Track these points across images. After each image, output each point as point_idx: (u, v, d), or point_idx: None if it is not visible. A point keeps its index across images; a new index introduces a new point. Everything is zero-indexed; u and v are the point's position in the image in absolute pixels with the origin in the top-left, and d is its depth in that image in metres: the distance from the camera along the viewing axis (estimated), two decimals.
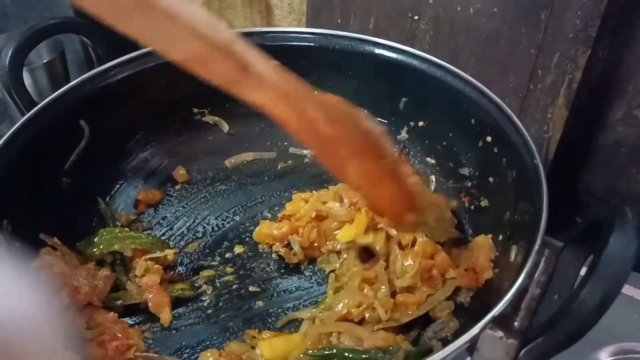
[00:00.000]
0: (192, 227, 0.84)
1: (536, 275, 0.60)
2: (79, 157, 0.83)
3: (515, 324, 0.57)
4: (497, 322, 0.56)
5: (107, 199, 0.86)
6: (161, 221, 0.85)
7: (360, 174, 0.60)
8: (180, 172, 0.91)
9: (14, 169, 0.73)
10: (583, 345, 0.74)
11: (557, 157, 0.93)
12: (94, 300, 0.70)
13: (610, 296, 0.49)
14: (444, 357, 0.54)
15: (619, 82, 0.89)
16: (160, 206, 0.87)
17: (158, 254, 0.75)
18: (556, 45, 0.86)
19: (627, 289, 0.84)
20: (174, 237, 0.84)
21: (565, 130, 0.92)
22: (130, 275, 0.75)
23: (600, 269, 0.49)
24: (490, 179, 0.80)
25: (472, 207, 0.83)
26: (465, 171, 0.85)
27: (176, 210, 0.87)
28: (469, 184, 0.84)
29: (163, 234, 0.83)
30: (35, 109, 0.78)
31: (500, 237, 0.73)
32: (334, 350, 0.66)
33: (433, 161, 0.90)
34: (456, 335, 0.65)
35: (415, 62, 0.85)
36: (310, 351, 0.66)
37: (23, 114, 0.78)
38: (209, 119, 0.95)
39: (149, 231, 0.84)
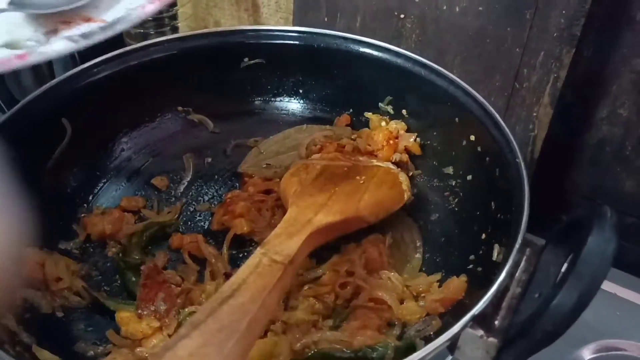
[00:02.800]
0: None
1: (517, 274, 0.60)
2: (61, 156, 0.81)
3: (496, 322, 0.57)
4: (478, 321, 0.56)
5: (90, 198, 0.85)
6: None
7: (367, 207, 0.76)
8: (158, 180, 0.89)
9: None
10: (566, 342, 0.75)
11: (542, 156, 0.94)
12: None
13: (587, 295, 0.49)
14: (424, 356, 0.54)
15: (603, 81, 0.90)
16: None
17: None
18: (541, 44, 0.86)
19: (610, 286, 0.84)
20: None
21: (551, 129, 0.92)
22: None
23: (579, 269, 0.50)
24: (474, 177, 0.81)
25: (456, 205, 0.83)
26: (450, 170, 0.85)
27: None
28: (453, 182, 0.84)
29: None
30: (16, 107, 0.76)
31: (484, 235, 0.73)
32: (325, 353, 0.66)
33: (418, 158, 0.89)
34: (438, 333, 0.65)
35: (399, 61, 0.85)
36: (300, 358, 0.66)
37: (4, 112, 0.77)
38: (194, 117, 0.95)
39: None
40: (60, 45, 0.61)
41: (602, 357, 0.77)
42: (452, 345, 0.58)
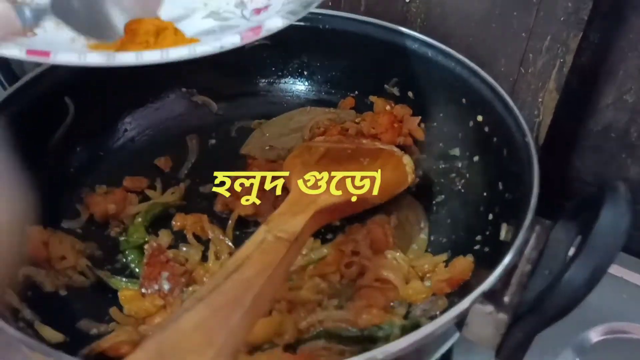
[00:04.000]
0: None
1: (526, 252, 0.60)
2: (64, 135, 0.81)
3: (505, 299, 0.56)
4: (488, 297, 0.55)
5: (93, 178, 0.84)
6: None
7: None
8: (162, 161, 0.88)
9: None
10: (573, 324, 0.75)
11: (547, 142, 0.93)
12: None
13: (601, 269, 0.48)
14: (432, 331, 0.53)
15: (609, 67, 0.89)
16: None
17: None
18: (547, 28, 0.86)
19: (616, 270, 0.84)
20: None
21: (556, 114, 0.91)
22: None
23: (592, 243, 0.49)
24: (481, 159, 0.80)
25: (462, 187, 0.82)
26: (456, 151, 0.84)
27: None
28: (459, 164, 0.83)
29: None
30: (18, 84, 0.76)
31: (491, 216, 0.73)
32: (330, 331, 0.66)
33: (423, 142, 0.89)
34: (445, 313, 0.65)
35: (406, 42, 0.84)
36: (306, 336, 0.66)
37: (5, 89, 0.76)
38: (198, 98, 0.94)
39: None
40: (278, 22, 0.60)
41: (609, 339, 0.76)
42: (460, 323, 0.58)
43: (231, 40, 0.56)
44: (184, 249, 0.77)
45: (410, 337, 0.53)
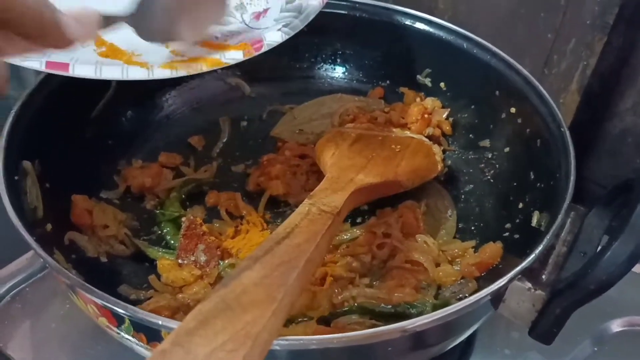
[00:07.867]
0: None
1: (562, 235, 0.62)
2: (105, 108, 0.82)
3: (543, 277, 0.58)
4: (526, 275, 0.57)
5: (130, 152, 0.86)
6: None
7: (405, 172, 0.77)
8: (195, 139, 0.90)
9: (44, 114, 0.73)
10: (593, 316, 0.77)
11: None
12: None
13: None
14: (469, 305, 0.55)
15: (631, 71, 0.90)
16: None
17: None
18: (573, 30, 0.87)
19: (636, 267, 0.86)
20: None
21: (576, 117, 0.93)
22: None
23: (635, 221, 0.51)
24: (512, 149, 0.82)
25: (491, 177, 0.84)
26: (486, 143, 0.86)
27: None
28: (489, 155, 0.85)
29: None
30: None
31: (521, 204, 0.75)
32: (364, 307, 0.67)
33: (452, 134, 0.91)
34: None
35: (441, 33, 0.86)
36: (339, 310, 0.68)
37: None
38: (231, 80, 0.96)
39: None
40: (277, 36, 0.67)
41: (628, 331, 0.78)
42: (497, 300, 0.60)
43: (234, 57, 0.64)
44: (217, 225, 0.78)
45: (450, 309, 0.54)
